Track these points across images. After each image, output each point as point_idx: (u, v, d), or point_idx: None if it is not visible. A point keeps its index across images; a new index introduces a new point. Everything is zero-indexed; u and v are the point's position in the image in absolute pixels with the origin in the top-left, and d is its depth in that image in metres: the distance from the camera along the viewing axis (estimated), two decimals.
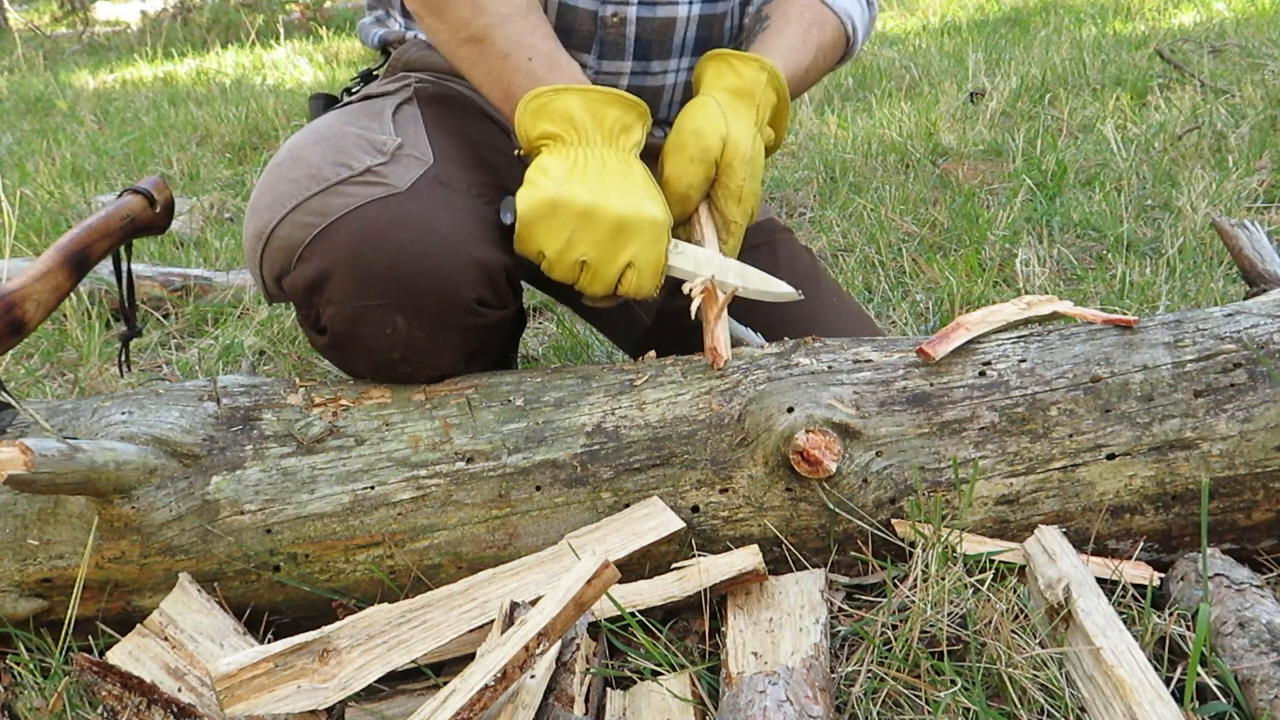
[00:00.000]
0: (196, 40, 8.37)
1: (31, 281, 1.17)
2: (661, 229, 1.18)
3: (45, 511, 1.12)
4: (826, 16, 1.43)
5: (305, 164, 1.22)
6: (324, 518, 1.13)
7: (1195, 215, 2.28)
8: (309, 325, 1.24)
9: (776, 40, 1.37)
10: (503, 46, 1.22)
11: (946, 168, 2.91)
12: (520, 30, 1.22)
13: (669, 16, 1.39)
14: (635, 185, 1.19)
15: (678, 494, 1.15)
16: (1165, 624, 1.02)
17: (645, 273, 1.18)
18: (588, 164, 1.18)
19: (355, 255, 1.14)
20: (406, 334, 1.17)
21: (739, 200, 1.28)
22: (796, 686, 0.93)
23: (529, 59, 1.22)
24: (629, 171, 1.20)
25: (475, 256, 1.17)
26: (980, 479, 1.13)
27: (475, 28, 1.22)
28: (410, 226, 1.15)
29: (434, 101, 1.39)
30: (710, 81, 1.30)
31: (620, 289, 1.20)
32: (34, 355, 2.03)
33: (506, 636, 0.89)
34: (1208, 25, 4.92)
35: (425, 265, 1.14)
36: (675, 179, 1.26)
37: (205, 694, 1.01)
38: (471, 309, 1.18)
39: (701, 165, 1.25)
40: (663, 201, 1.20)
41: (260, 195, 1.23)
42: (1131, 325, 1.18)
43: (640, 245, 1.17)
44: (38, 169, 3.60)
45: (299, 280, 1.18)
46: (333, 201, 1.16)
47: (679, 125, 1.27)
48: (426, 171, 1.22)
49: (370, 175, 1.19)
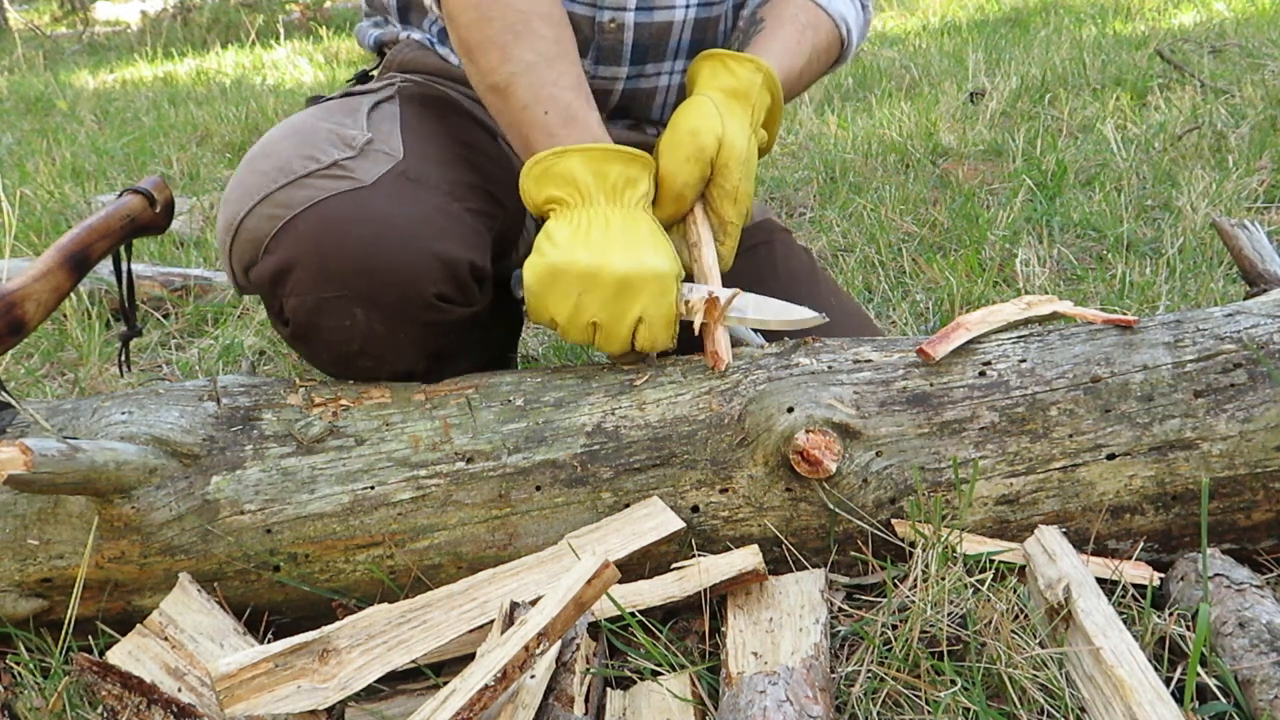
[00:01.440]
0: (196, 40, 8.37)
1: (31, 281, 1.17)
2: (667, 280, 1.16)
3: (45, 511, 1.12)
4: (821, 19, 1.43)
5: (275, 157, 1.22)
6: (324, 518, 1.14)
7: (1195, 215, 2.28)
8: (275, 316, 1.24)
9: (771, 42, 1.36)
10: (523, 98, 1.21)
11: (946, 168, 2.91)
12: (542, 80, 1.21)
13: (666, 20, 1.39)
14: (638, 240, 1.17)
15: (678, 494, 1.15)
16: (1165, 624, 1.02)
17: (656, 326, 1.18)
18: (590, 225, 1.17)
19: (317, 247, 1.15)
20: (365, 327, 1.17)
21: (734, 200, 1.27)
22: (796, 686, 0.93)
23: (545, 112, 1.21)
24: (633, 227, 1.18)
25: (436, 251, 1.17)
26: (980, 479, 1.13)
27: (500, 75, 1.22)
28: (371, 220, 1.15)
29: (416, 100, 1.39)
30: (706, 81, 1.30)
31: (636, 344, 1.19)
32: (34, 355, 2.03)
33: (506, 636, 0.89)
34: (1208, 25, 4.92)
35: (384, 258, 1.14)
36: (670, 177, 1.25)
37: (205, 694, 1.01)
38: (431, 304, 1.18)
39: (697, 164, 1.24)
40: (669, 252, 1.19)
41: (232, 187, 1.24)
42: (1131, 325, 1.18)
43: (647, 299, 1.16)
44: (38, 169, 3.60)
45: (264, 272, 1.19)
46: (298, 194, 1.17)
47: (674, 123, 1.27)
48: (394, 167, 1.22)
49: (336, 169, 1.19)
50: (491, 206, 1.30)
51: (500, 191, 1.33)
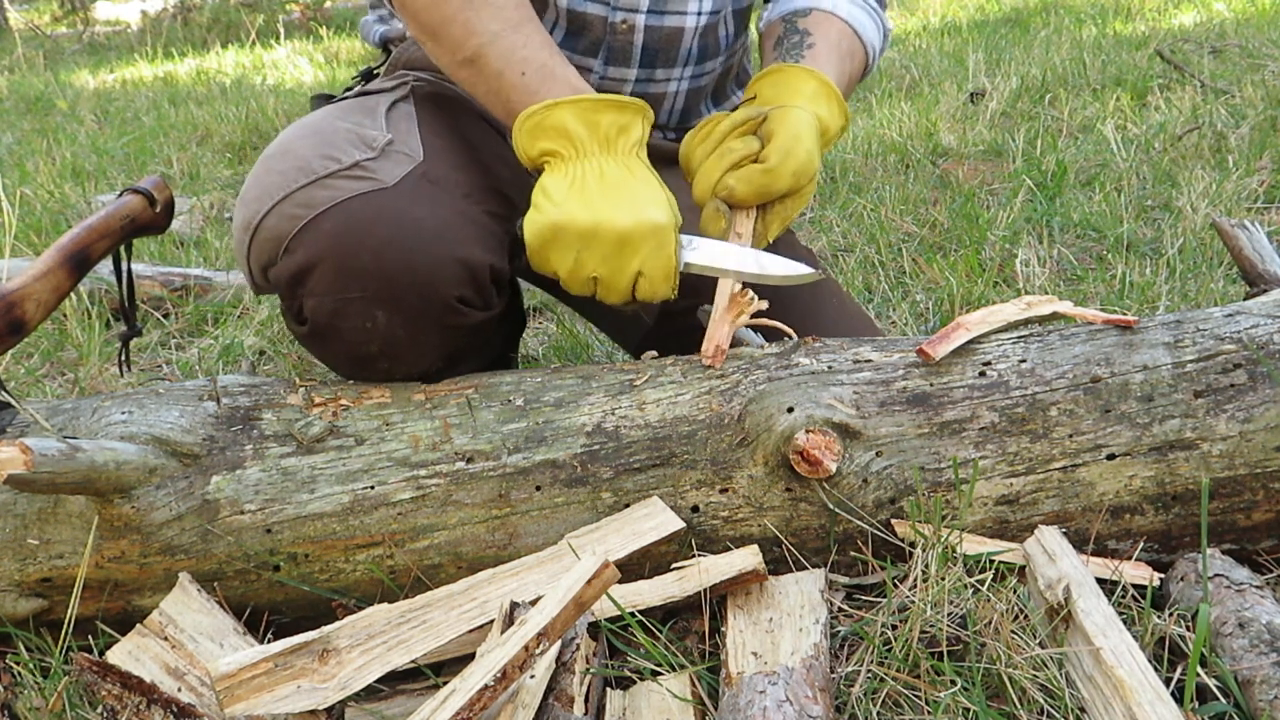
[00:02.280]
0: (196, 40, 8.37)
1: (31, 281, 1.17)
2: (666, 233, 1.17)
3: (45, 511, 1.12)
4: (857, 48, 1.43)
5: (294, 156, 1.22)
6: (324, 517, 1.13)
7: (1195, 215, 2.28)
8: (291, 316, 1.24)
9: (829, 69, 1.35)
10: (496, 65, 1.21)
11: (946, 168, 2.91)
12: (512, 45, 1.21)
13: (677, 26, 1.39)
14: (635, 192, 1.17)
15: (678, 494, 1.15)
16: (1165, 624, 1.02)
17: (656, 278, 1.18)
18: (586, 177, 1.17)
19: (338, 248, 1.14)
20: (385, 329, 1.17)
21: (783, 224, 1.28)
22: (796, 686, 0.93)
23: (522, 74, 1.21)
24: (629, 177, 1.18)
25: (458, 255, 1.17)
26: (980, 479, 1.13)
27: (468, 49, 1.22)
28: (394, 222, 1.15)
29: (430, 100, 1.39)
30: (812, 99, 1.29)
31: (637, 296, 1.20)
32: (34, 355, 2.03)
33: (506, 636, 0.89)
34: (1208, 25, 4.92)
35: (406, 261, 1.14)
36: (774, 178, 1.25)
37: (205, 694, 1.01)
38: (452, 307, 1.18)
39: (795, 181, 1.24)
40: (665, 203, 1.18)
41: (250, 187, 1.23)
42: (1131, 325, 1.18)
43: (646, 253, 1.16)
44: (38, 169, 3.60)
45: (284, 271, 1.18)
46: (319, 194, 1.17)
47: (795, 133, 1.25)
48: (415, 169, 1.22)
49: (358, 170, 1.19)
50: (505, 208, 1.30)
51: (512, 192, 1.33)
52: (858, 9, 1.43)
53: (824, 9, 1.42)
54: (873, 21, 1.45)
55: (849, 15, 1.42)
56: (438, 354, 1.22)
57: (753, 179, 1.24)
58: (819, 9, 1.42)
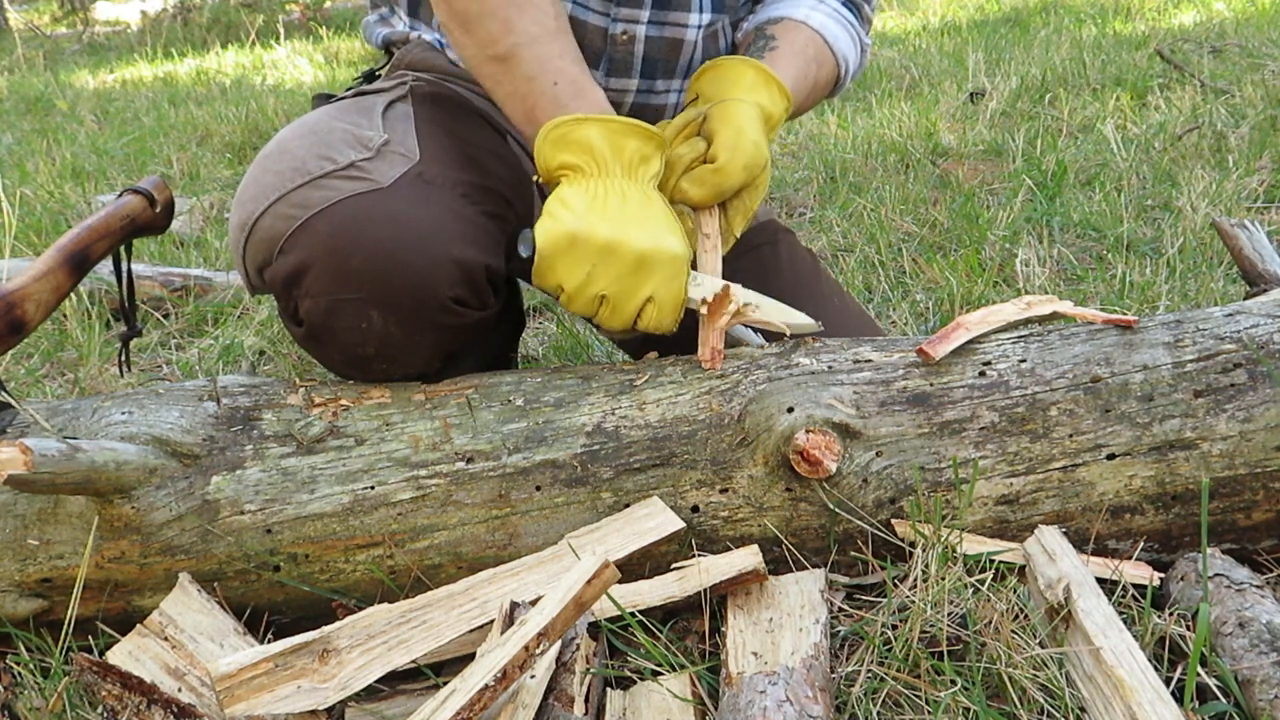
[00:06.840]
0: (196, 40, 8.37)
1: (31, 281, 1.17)
2: (681, 263, 1.17)
3: (45, 511, 1.12)
4: (826, 56, 1.43)
5: (290, 156, 1.22)
6: (324, 518, 1.14)
7: (1195, 215, 2.28)
8: (288, 317, 1.24)
9: (787, 69, 1.36)
10: (529, 68, 1.20)
11: (946, 168, 2.91)
12: (549, 53, 1.21)
13: (677, 38, 1.40)
14: (655, 219, 1.17)
15: (678, 494, 1.15)
16: (1165, 624, 1.02)
17: (665, 308, 1.18)
18: (608, 196, 1.17)
19: (333, 248, 1.14)
20: (381, 329, 1.17)
21: (745, 217, 1.29)
22: (796, 686, 0.93)
23: (554, 83, 1.20)
24: (649, 204, 1.18)
25: (453, 255, 1.17)
26: (980, 479, 1.13)
27: (503, 46, 1.21)
28: (389, 222, 1.15)
29: (428, 101, 1.39)
30: (749, 89, 1.29)
31: (639, 324, 1.19)
32: (34, 355, 2.03)
33: (506, 636, 0.89)
34: (1208, 25, 4.92)
35: (402, 261, 1.14)
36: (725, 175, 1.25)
37: (205, 694, 1.01)
38: (448, 307, 1.18)
39: (748, 174, 1.25)
40: (682, 234, 1.19)
41: (246, 187, 1.23)
42: (1131, 325, 1.18)
43: (660, 280, 1.16)
44: (38, 169, 3.60)
45: (279, 272, 1.18)
46: (314, 195, 1.16)
47: (736, 125, 1.25)
48: (410, 169, 1.22)
49: (353, 170, 1.19)
50: (503, 209, 1.30)
51: (510, 193, 1.33)
52: (832, 22, 1.44)
53: (796, 19, 1.43)
54: (848, 35, 1.46)
55: (820, 25, 1.43)
56: (434, 354, 1.22)
57: (705, 180, 1.25)
58: (791, 18, 1.43)
